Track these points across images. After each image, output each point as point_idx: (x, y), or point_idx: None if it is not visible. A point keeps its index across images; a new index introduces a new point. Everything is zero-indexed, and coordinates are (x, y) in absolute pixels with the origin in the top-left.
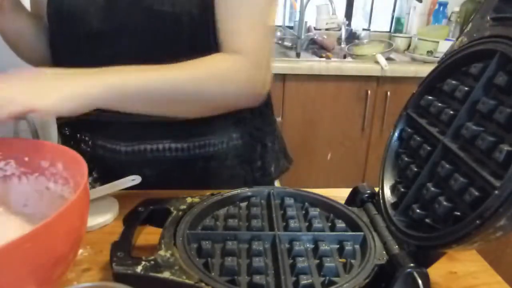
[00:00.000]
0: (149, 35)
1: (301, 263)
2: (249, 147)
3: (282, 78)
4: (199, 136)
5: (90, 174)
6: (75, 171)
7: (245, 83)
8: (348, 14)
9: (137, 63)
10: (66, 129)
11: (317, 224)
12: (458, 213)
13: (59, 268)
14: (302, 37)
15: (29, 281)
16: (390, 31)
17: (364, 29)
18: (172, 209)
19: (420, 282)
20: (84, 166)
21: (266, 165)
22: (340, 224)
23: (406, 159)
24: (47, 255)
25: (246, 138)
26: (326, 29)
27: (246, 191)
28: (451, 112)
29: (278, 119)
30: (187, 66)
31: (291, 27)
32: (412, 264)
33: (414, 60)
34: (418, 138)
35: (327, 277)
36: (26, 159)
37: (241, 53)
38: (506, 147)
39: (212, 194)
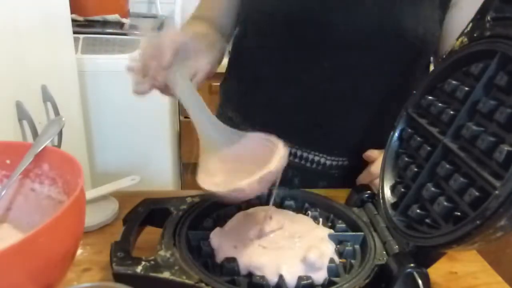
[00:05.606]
0: (386, 55)
1: None
2: None
3: None
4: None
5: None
6: (64, 171)
7: None
8: None
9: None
10: None
11: None
12: (458, 213)
13: (58, 271)
14: None
15: (27, 285)
16: None
17: None
18: (172, 209)
19: (420, 282)
20: (77, 165)
21: None
22: (340, 224)
23: (406, 159)
24: (45, 258)
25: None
26: None
27: None
28: (452, 112)
29: None
30: None
31: None
32: (412, 264)
33: None
34: (418, 138)
35: (327, 277)
36: (8, 161)
37: None
38: (506, 147)
39: None
